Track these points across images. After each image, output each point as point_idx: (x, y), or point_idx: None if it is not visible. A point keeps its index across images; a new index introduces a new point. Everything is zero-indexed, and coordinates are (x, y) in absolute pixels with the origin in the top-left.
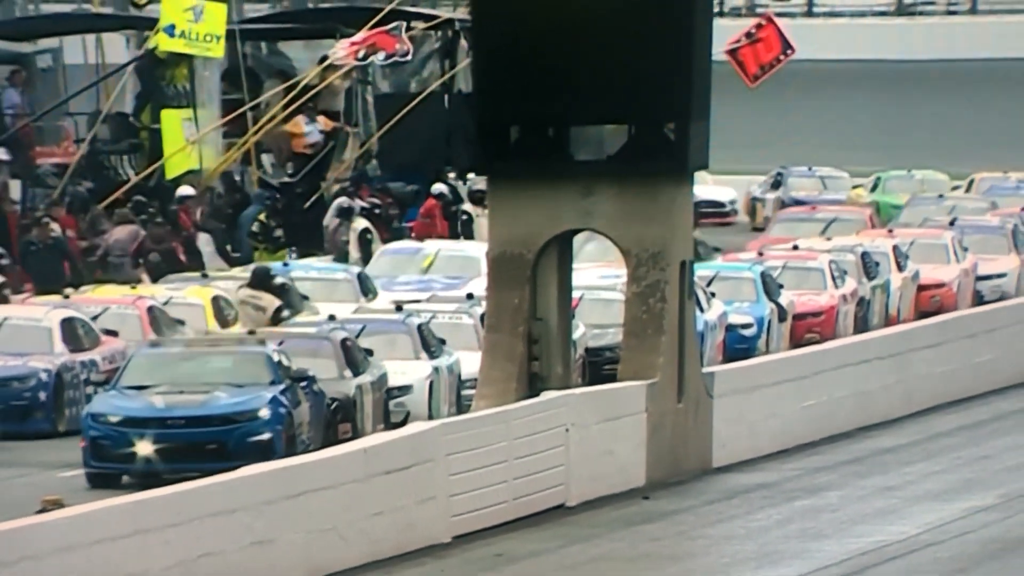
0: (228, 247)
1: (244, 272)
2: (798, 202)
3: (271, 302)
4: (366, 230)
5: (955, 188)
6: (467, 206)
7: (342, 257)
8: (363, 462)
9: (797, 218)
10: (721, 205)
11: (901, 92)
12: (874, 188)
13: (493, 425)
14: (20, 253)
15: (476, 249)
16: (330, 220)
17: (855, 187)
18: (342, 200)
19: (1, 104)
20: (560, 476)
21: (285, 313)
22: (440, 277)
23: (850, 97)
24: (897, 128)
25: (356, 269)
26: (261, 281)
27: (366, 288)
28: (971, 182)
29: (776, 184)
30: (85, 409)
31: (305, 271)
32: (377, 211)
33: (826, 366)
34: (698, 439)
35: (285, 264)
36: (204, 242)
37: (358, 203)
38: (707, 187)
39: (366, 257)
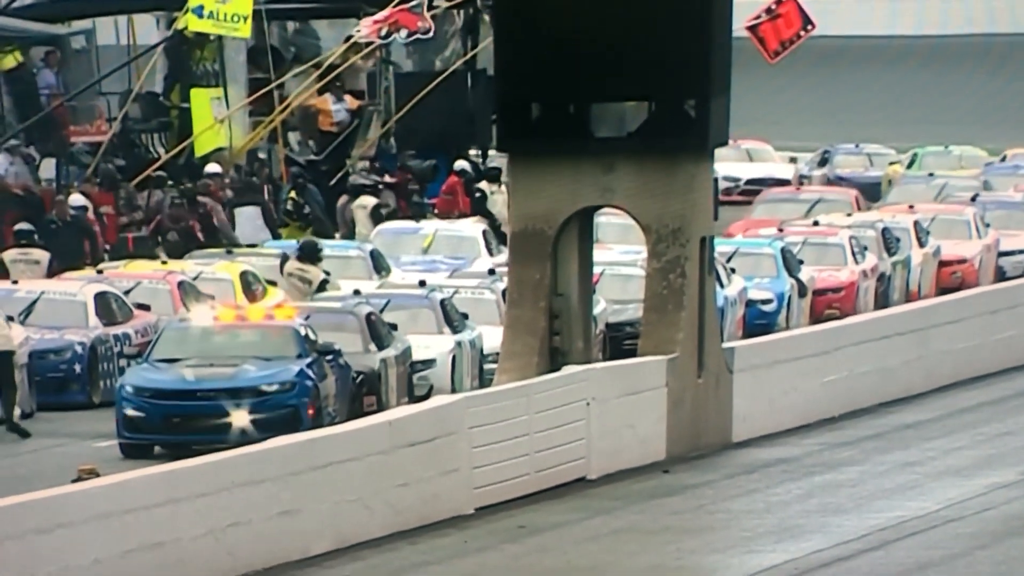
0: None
1: (267, 250)
2: (842, 179)
3: (317, 274)
4: (378, 205)
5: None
6: (482, 184)
7: (349, 234)
8: (388, 434)
9: (780, 199)
10: (787, 182)
11: (919, 68)
12: (911, 164)
13: (515, 399)
14: (41, 231)
15: (473, 229)
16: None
17: (892, 163)
18: (353, 177)
19: (37, 84)
20: (581, 449)
21: (331, 287)
22: (443, 257)
23: (869, 73)
24: (918, 103)
25: (369, 246)
26: (309, 254)
27: (379, 265)
28: (1003, 158)
29: (823, 161)
30: (119, 381)
31: (355, 251)
32: (381, 186)
33: (847, 342)
34: (718, 414)
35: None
36: (250, 216)
37: (360, 180)
38: (774, 164)
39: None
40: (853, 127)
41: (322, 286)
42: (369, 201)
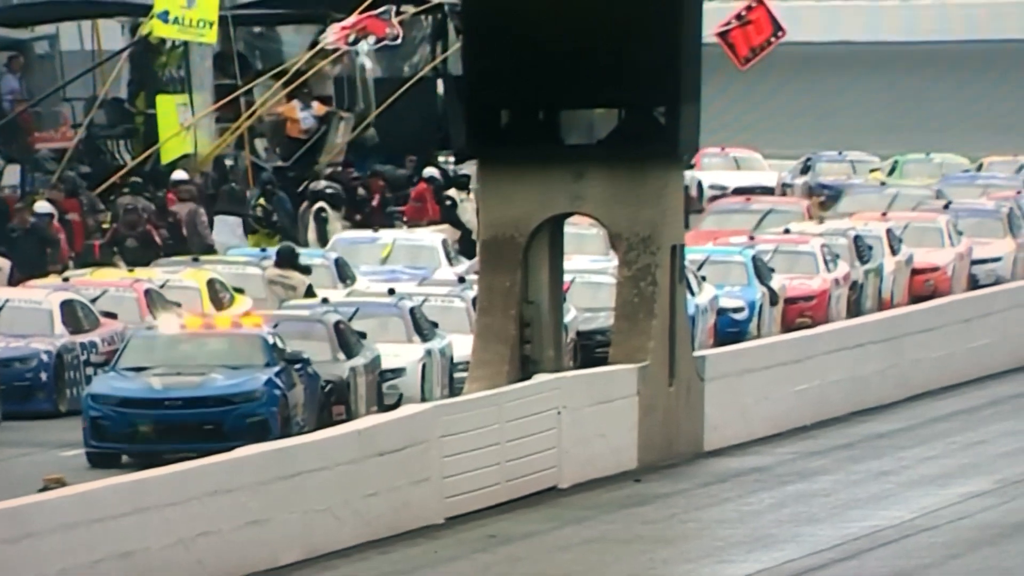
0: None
1: (234, 257)
2: (824, 187)
3: (301, 281)
4: (321, 209)
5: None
6: (451, 191)
7: (303, 241)
8: (357, 444)
9: (730, 209)
10: (771, 190)
11: (893, 74)
12: (891, 172)
13: (486, 407)
14: (2, 238)
15: (433, 238)
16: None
17: (872, 170)
18: (315, 184)
19: (0, 90)
20: (552, 458)
21: (315, 292)
22: (402, 267)
23: (841, 79)
24: (888, 110)
25: (334, 254)
26: (288, 260)
27: (344, 274)
28: (980, 166)
29: (806, 169)
30: (85, 390)
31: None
32: (330, 192)
33: (819, 350)
34: (690, 422)
35: (263, 251)
36: (232, 225)
37: (320, 186)
38: (762, 172)
39: (322, 238)
40: (839, 134)
41: (309, 292)
42: (317, 205)
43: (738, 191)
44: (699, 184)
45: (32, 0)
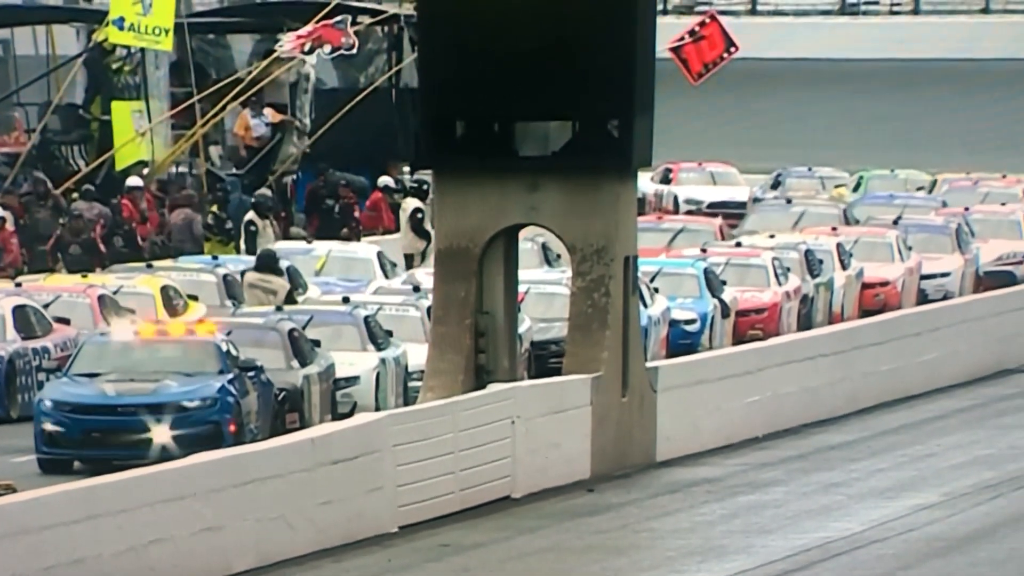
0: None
1: (187, 263)
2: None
3: (282, 284)
4: (250, 222)
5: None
6: (416, 201)
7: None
8: (311, 452)
9: (641, 228)
10: (743, 205)
11: (845, 91)
12: (856, 187)
13: (440, 417)
14: None
15: (368, 250)
16: None
17: (838, 186)
18: (258, 192)
19: None
20: (506, 468)
21: (297, 294)
22: (335, 279)
23: (794, 95)
24: (839, 127)
25: (286, 263)
26: (268, 264)
27: (296, 283)
28: (933, 183)
29: (776, 184)
30: (37, 396)
31: (235, 264)
32: (258, 201)
33: (771, 362)
34: (642, 433)
35: (215, 258)
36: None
37: (262, 194)
38: (737, 188)
39: (250, 248)
40: (790, 149)
41: (290, 296)
42: (249, 215)
43: (712, 206)
44: (675, 198)
45: None
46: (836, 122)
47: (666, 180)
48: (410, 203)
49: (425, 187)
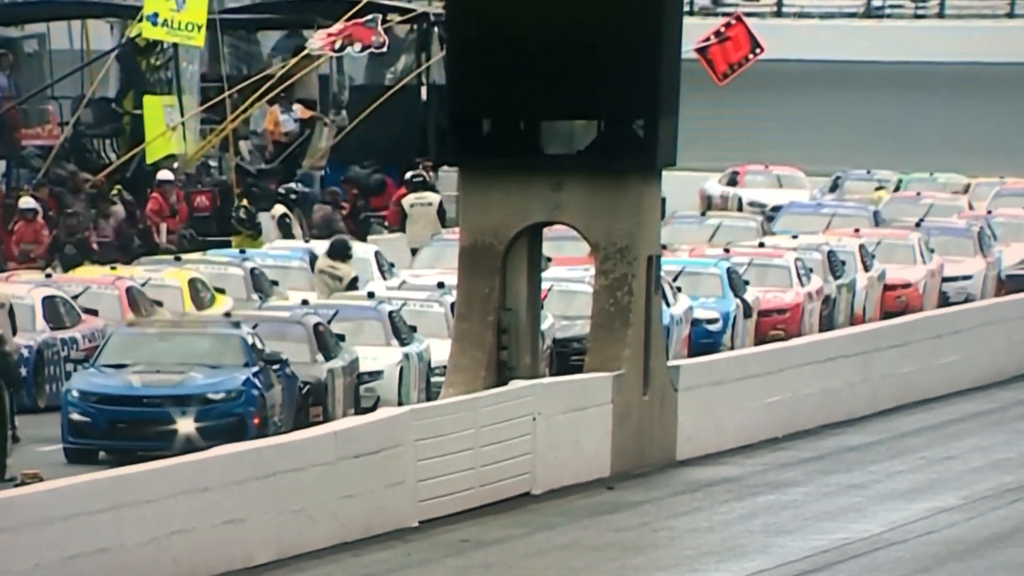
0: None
1: (215, 256)
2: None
3: (348, 272)
4: (284, 215)
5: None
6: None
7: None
8: (333, 445)
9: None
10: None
11: (869, 92)
12: (896, 190)
13: (461, 412)
14: None
15: (365, 250)
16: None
17: (878, 188)
18: (285, 186)
19: None
20: (526, 464)
21: (358, 284)
22: None
23: (819, 96)
24: (864, 128)
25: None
26: (339, 252)
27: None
28: (967, 187)
29: (834, 187)
30: (65, 386)
31: (262, 258)
32: (294, 196)
33: (791, 363)
34: (663, 431)
35: (242, 251)
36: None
37: (290, 187)
38: (802, 191)
39: (288, 238)
40: (817, 151)
41: (352, 283)
42: (278, 210)
43: (775, 209)
44: (739, 200)
45: (25, 0)
46: (860, 124)
47: (732, 182)
48: (435, 196)
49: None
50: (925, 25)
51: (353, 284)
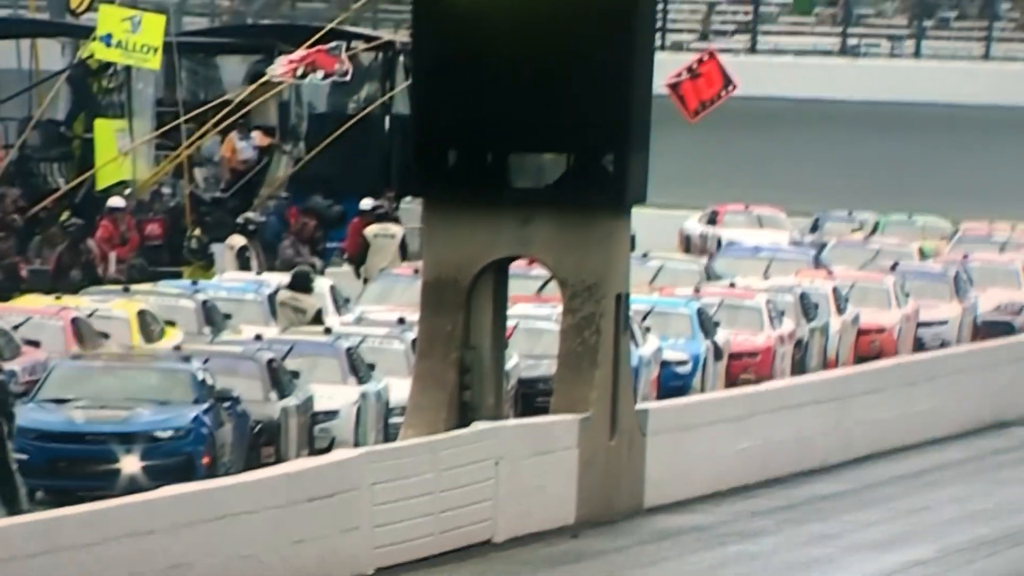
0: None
1: (166, 288)
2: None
3: (311, 305)
4: (244, 247)
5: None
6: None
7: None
8: (286, 487)
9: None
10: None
11: (843, 131)
12: (873, 231)
13: (421, 455)
14: None
15: (321, 284)
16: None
17: (854, 230)
18: (243, 216)
19: None
20: (488, 511)
21: (323, 316)
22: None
23: (792, 135)
24: (838, 168)
25: (267, 290)
26: (301, 284)
27: (276, 311)
28: (956, 232)
29: (814, 228)
30: None
31: (214, 290)
32: (252, 228)
33: (762, 408)
34: (630, 477)
35: (194, 283)
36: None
37: (248, 217)
38: (781, 232)
39: (245, 270)
40: (790, 191)
41: (317, 316)
42: (237, 241)
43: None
44: (718, 241)
45: None
46: (836, 163)
47: (712, 222)
48: (398, 228)
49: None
50: (901, 65)
51: (318, 317)
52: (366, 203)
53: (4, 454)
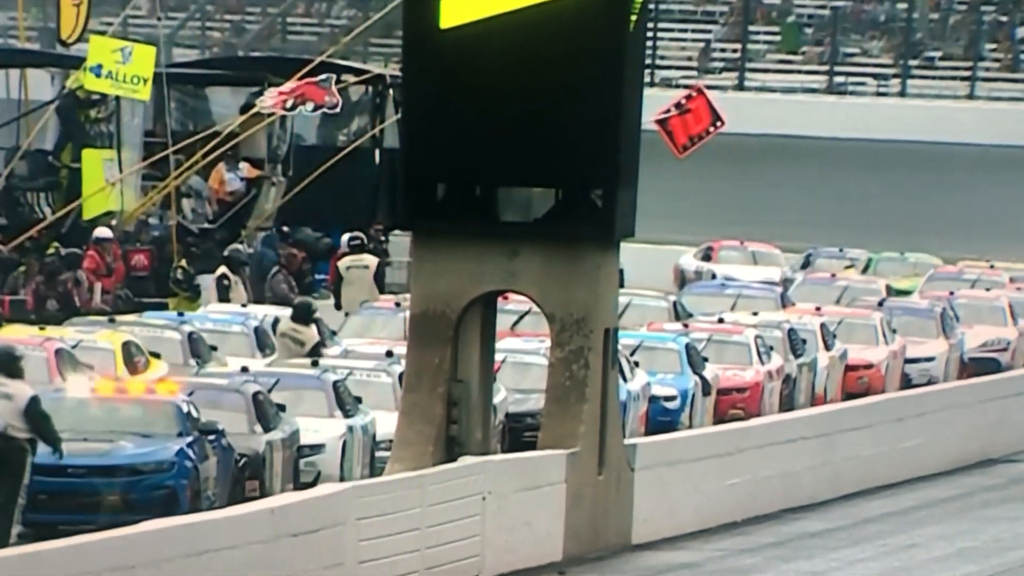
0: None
1: (151, 319)
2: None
3: (311, 336)
4: (223, 276)
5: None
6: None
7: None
8: (270, 522)
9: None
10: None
11: (830, 168)
12: (865, 269)
13: (407, 490)
14: None
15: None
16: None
17: (847, 267)
18: (232, 247)
19: None
20: (475, 546)
21: (323, 348)
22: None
23: (779, 171)
24: (824, 204)
25: (254, 323)
26: (303, 315)
27: (263, 343)
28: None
29: (806, 264)
30: None
31: (200, 322)
32: (241, 259)
33: (751, 444)
34: (618, 513)
35: (180, 314)
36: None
37: (234, 248)
38: (775, 268)
39: (224, 302)
40: (778, 227)
41: (315, 348)
42: (219, 269)
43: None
44: (712, 276)
45: None
46: (823, 199)
47: (707, 258)
48: (372, 259)
49: (382, 246)
50: (886, 103)
51: (316, 349)
52: (345, 237)
53: (16, 489)
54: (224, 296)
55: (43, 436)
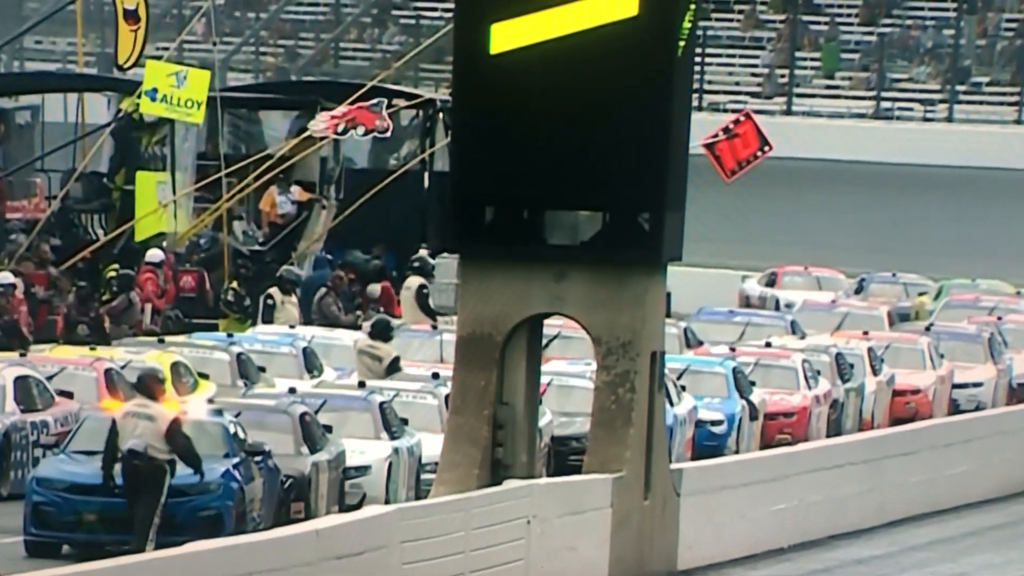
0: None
1: (200, 340)
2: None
3: (388, 353)
4: (268, 295)
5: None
6: (418, 279)
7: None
8: (314, 544)
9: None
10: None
11: (876, 193)
12: (937, 295)
13: (452, 513)
14: None
15: (348, 337)
16: None
17: (921, 294)
18: (284, 269)
19: None
20: (519, 571)
21: (400, 365)
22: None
23: (825, 196)
24: (870, 229)
25: (302, 343)
26: (381, 332)
27: (311, 364)
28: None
29: (859, 289)
30: (31, 472)
31: (250, 343)
32: (292, 279)
33: (798, 469)
34: (664, 538)
35: (229, 335)
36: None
37: (288, 270)
38: (836, 294)
39: (266, 322)
40: (825, 251)
41: (393, 364)
42: (274, 292)
43: None
44: (776, 301)
45: (19, 70)
46: (870, 224)
47: (771, 283)
48: (414, 280)
49: (430, 267)
50: (933, 128)
51: (394, 365)
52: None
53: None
54: (268, 316)
55: (184, 457)
